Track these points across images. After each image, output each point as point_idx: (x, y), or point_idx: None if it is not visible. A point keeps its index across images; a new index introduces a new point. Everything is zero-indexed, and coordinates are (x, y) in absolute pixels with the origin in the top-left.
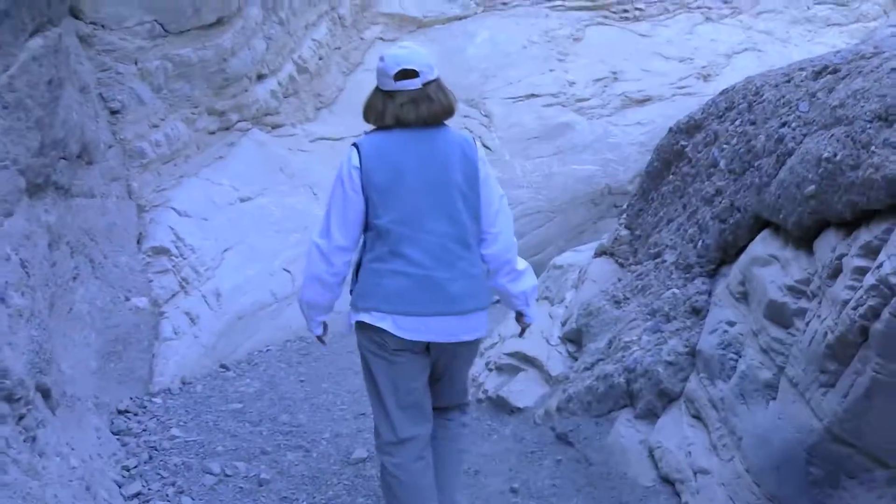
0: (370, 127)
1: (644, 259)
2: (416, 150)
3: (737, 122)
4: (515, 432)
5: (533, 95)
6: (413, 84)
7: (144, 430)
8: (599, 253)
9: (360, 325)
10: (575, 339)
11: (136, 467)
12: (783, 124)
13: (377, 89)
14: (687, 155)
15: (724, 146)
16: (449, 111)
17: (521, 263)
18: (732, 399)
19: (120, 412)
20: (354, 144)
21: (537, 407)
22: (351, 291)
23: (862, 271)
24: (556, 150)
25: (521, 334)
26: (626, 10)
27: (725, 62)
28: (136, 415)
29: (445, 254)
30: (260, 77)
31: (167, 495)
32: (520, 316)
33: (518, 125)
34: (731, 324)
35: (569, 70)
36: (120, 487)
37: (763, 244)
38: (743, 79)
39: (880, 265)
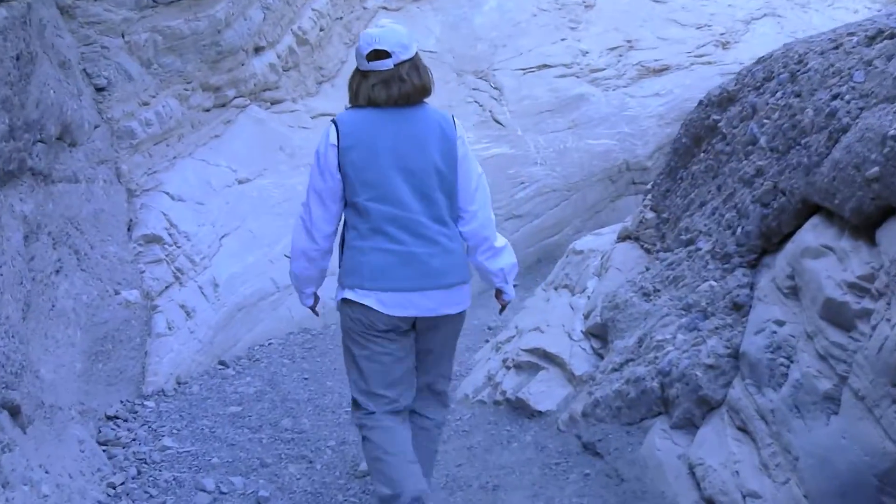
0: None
1: (674, 246)
2: (392, 128)
3: (778, 95)
4: (537, 440)
5: (545, 66)
6: (385, 65)
7: (134, 440)
8: (623, 237)
9: (346, 302)
10: (600, 335)
11: (122, 484)
12: (834, 96)
13: (356, 68)
14: (720, 130)
15: (765, 121)
16: (422, 91)
17: (500, 241)
18: (785, 411)
19: (109, 418)
20: (333, 121)
21: (560, 411)
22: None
23: None
24: (570, 124)
25: (500, 311)
26: None
27: (744, 28)
28: (125, 421)
29: (424, 230)
30: (257, 50)
31: None
32: (499, 293)
33: (530, 98)
34: (780, 323)
35: (581, 39)
36: None
37: (814, 233)
38: (781, 46)
39: None
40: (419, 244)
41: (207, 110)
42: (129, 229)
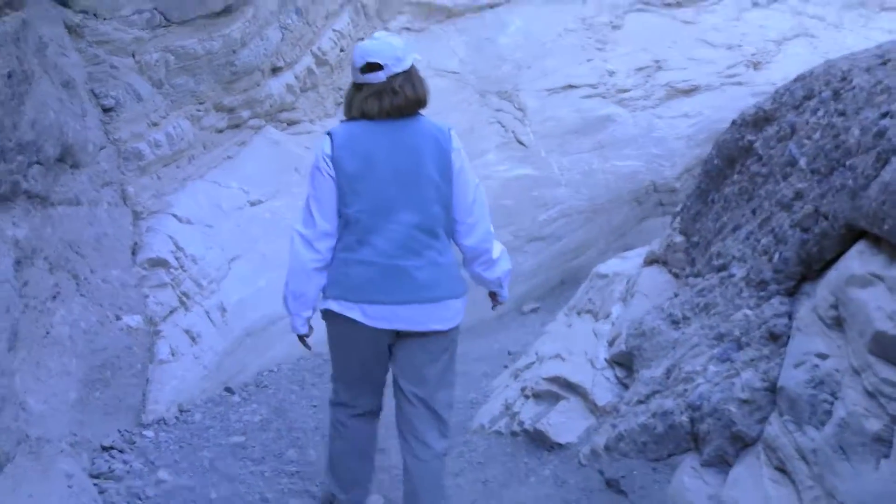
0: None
1: (705, 271)
2: (386, 140)
3: (819, 113)
4: (556, 474)
5: (570, 87)
6: (377, 77)
7: (128, 472)
8: (650, 261)
9: (329, 313)
10: (624, 363)
11: None
12: (883, 115)
13: (352, 81)
14: (756, 151)
15: (805, 141)
16: (416, 103)
17: (497, 250)
18: (829, 453)
19: (104, 449)
20: (328, 133)
21: (582, 444)
22: None
23: None
24: (596, 146)
25: (493, 307)
26: None
27: (776, 49)
28: (122, 452)
29: (412, 243)
30: (274, 70)
31: None
32: (494, 294)
33: (554, 119)
34: (823, 356)
35: (608, 59)
36: None
37: (860, 260)
38: (822, 62)
39: None
40: (406, 257)
41: (221, 131)
42: (133, 253)
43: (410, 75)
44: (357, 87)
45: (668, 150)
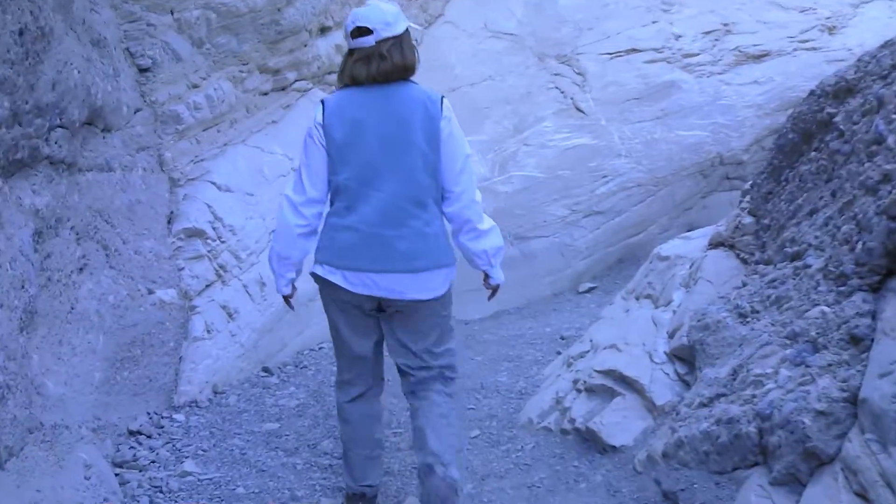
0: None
1: (777, 259)
2: (374, 107)
3: None
4: (609, 481)
5: (633, 50)
6: (367, 42)
7: (153, 462)
8: (716, 243)
9: (316, 276)
10: (686, 358)
11: None
12: None
13: (347, 48)
14: (837, 126)
15: (893, 117)
16: (403, 69)
17: (486, 223)
18: None
19: (131, 433)
20: (322, 101)
21: (638, 447)
22: None
23: None
24: (659, 114)
25: (489, 298)
26: None
27: (852, 13)
28: (149, 437)
29: (396, 212)
30: (322, 30)
31: None
32: (486, 278)
33: (616, 84)
34: None
35: (674, 22)
36: None
37: None
38: None
39: None
40: (389, 226)
41: (265, 94)
42: (169, 222)
43: (401, 41)
44: (349, 52)
45: (736, 120)
